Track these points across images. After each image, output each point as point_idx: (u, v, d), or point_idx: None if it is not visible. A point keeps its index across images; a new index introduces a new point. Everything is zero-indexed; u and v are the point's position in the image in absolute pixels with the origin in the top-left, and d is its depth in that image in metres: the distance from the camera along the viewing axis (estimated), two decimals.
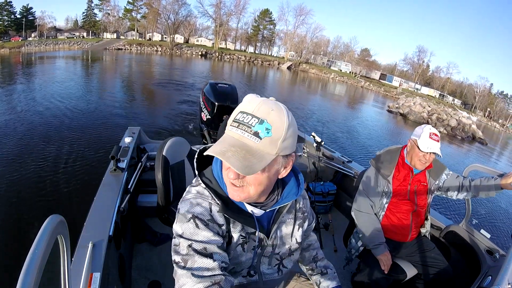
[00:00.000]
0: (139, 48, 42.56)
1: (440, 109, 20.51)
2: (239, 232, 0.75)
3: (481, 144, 18.00)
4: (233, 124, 0.64)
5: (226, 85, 4.48)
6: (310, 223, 1.00)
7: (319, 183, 2.74)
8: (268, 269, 0.85)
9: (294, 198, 0.79)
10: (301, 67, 50.98)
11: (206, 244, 0.67)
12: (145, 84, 14.63)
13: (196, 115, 6.72)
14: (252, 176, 0.65)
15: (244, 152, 0.61)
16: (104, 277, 1.07)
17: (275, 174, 0.69)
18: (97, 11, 50.34)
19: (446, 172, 1.68)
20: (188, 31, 53.58)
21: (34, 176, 4.02)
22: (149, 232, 2.10)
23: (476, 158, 13.89)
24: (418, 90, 52.84)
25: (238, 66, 38.51)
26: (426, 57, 56.74)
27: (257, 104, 0.63)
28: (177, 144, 1.54)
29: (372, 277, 1.58)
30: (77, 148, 5.07)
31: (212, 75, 23.49)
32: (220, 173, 0.73)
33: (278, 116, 0.63)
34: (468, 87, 56.93)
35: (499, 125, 49.79)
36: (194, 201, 0.71)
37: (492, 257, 1.62)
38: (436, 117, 18.74)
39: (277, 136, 0.62)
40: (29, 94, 9.30)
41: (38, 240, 0.51)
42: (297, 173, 0.83)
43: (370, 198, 1.69)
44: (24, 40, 38.95)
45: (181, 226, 0.69)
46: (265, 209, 0.76)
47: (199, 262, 0.65)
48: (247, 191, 0.67)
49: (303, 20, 54.36)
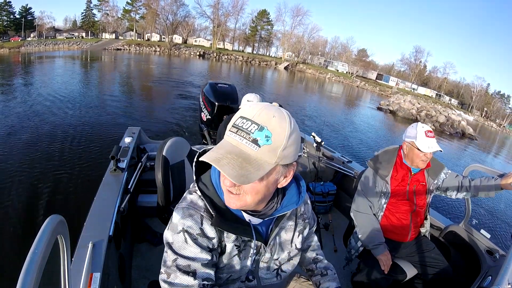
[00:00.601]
0: (138, 49, 42.89)
1: (430, 106, 20.95)
2: (233, 242, 0.74)
3: (471, 139, 18.50)
4: (232, 129, 0.62)
5: (226, 85, 4.48)
6: (311, 227, 0.99)
7: (319, 183, 2.74)
8: (267, 274, 0.84)
9: (294, 206, 0.76)
10: (298, 67, 51.51)
11: (190, 262, 0.67)
12: (145, 84, 14.63)
13: (196, 115, 6.72)
14: (249, 185, 0.62)
15: (241, 160, 0.59)
16: (104, 277, 1.07)
17: (274, 183, 0.67)
18: (96, 12, 50.76)
19: (444, 171, 1.68)
20: (187, 32, 54.02)
21: (34, 176, 4.01)
22: (149, 232, 2.10)
23: (466, 153, 14.43)
24: (415, 90, 53.34)
25: (235, 66, 38.93)
26: (423, 57, 57.59)
27: (259, 109, 0.61)
28: (177, 144, 1.53)
29: (372, 277, 1.58)
30: (77, 148, 5.07)
31: (210, 74, 23.71)
32: (218, 180, 0.72)
33: (279, 123, 0.60)
34: (465, 87, 57.55)
35: (496, 125, 50.30)
36: (186, 212, 0.70)
37: (492, 257, 1.62)
38: (425, 113, 19.15)
39: (277, 144, 0.60)
40: (29, 94, 9.29)
41: (38, 240, 0.51)
42: (299, 180, 0.81)
43: (368, 199, 1.69)
44: (24, 40, 38.97)
45: (172, 236, 0.69)
46: (263, 218, 0.74)
47: (180, 278, 0.66)
48: (244, 199, 0.65)
49: (300, 20, 55.38)
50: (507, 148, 24.56)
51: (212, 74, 24.17)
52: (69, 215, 0.98)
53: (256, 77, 29.16)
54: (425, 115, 18.92)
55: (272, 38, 58.54)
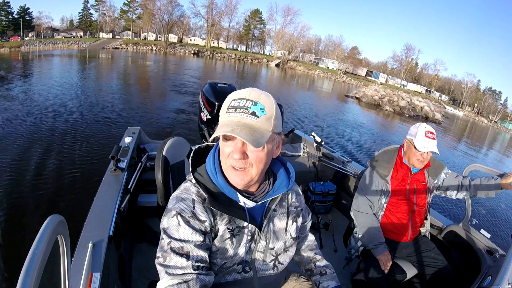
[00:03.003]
0: (135, 47, 44.02)
1: (393, 93, 24.12)
2: (225, 225, 0.76)
3: (435, 123, 21.25)
4: (230, 110, 0.70)
5: (226, 85, 4.46)
6: (306, 220, 1.00)
7: (319, 183, 2.74)
8: (263, 265, 0.84)
9: (285, 189, 0.82)
10: (289, 64, 53.35)
11: (183, 243, 0.70)
12: (145, 84, 14.66)
13: (196, 115, 6.71)
14: (254, 155, 0.70)
15: (248, 129, 0.67)
16: (104, 277, 1.07)
17: (271, 152, 0.75)
18: (93, 12, 51.54)
19: (445, 171, 1.68)
20: (182, 31, 55.22)
21: (34, 176, 4.01)
22: (149, 232, 2.10)
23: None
24: (404, 86, 54.89)
25: (228, 64, 40.52)
26: (414, 54, 59.56)
27: (247, 90, 0.72)
28: (177, 144, 1.53)
29: (372, 277, 1.58)
30: (77, 148, 5.07)
31: (203, 71, 25.27)
32: (213, 168, 0.76)
33: (267, 98, 0.71)
34: (455, 83, 59.06)
35: (486, 120, 51.43)
36: (179, 196, 0.75)
37: (492, 257, 1.62)
38: (388, 99, 22.21)
39: (270, 113, 0.70)
40: (29, 94, 9.28)
41: (38, 240, 0.50)
42: (286, 164, 0.87)
43: (369, 198, 1.69)
44: (23, 39, 39.07)
45: (167, 221, 0.73)
46: (256, 200, 0.78)
47: (174, 260, 0.69)
48: (249, 173, 0.72)
49: (290, 19, 57.57)
50: (468, 131, 27.17)
51: (205, 70, 25.94)
52: (69, 215, 0.98)
53: (247, 74, 30.52)
54: (388, 101, 21.97)
55: (265, 36, 60.54)
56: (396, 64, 60.69)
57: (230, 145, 0.71)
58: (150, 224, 2.16)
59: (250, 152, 0.70)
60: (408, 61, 58.74)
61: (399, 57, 60.39)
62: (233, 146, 0.70)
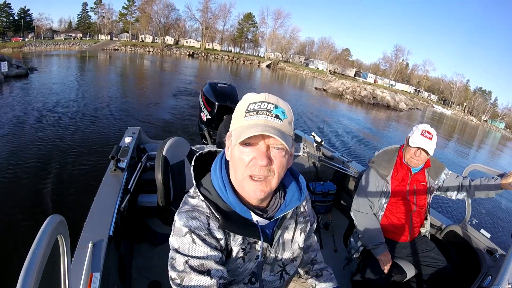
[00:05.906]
0: (133, 49, 46.13)
1: (357, 85, 28.25)
2: (240, 245, 0.72)
3: (395, 110, 24.74)
4: (250, 113, 0.66)
5: (226, 85, 4.47)
6: (312, 225, 0.98)
7: (319, 183, 2.74)
8: (271, 276, 0.82)
9: (298, 203, 0.76)
10: (279, 65, 55.49)
11: (203, 260, 0.65)
12: (145, 84, 14.66)
13: (196, 115, 6.71)
14: (278, 160, 0.66)
15: (277, 131, 0.64)
16: (104, 277, 1.07)
17: (290, 159, 0.71)
18: (92, 14, 52.91)
19: (445, 171, 1.68)
20: (178, 33, 57.30)
21: (34, 176, 4.01)
22: (149, 232, 2.10)
23: (382, 115, 20.09)
24: (393, 86, 56.43)
25: (222, 65, 42.69)
26: (403, 55, 61.66)
27: (264, 95, 0.68)
28: (177, 144, 1.53)
29: (372, 277, 1.58)
30: (77, 148, 5.07)
31: (199, 70, 27.44)
32: (222, 183, 0.71)
33: (284, 103, 0.69)
34: (443, 83, 60.47)
35: (476, 119, 52.12)
36: (190, 214, 0.68)
37: (492, 257, 1.62)
38: (351, 90, 26.02)
39: (290, 118, 0.68)
40: (29, 94, 9.29)
41: (38, 240, 0.50)
42: (297, 175, 0.82)
43: (369, 199, 1.69)
44: (24, 40, 39.30)
45: (177, 240, 0.66)
46: (269, 217, 0.73)
47: (196, 279, 0.63)
48: (270, 184, 0.67)
49: (281, 23, 60.50)
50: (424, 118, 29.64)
51: (200, 69, 28.78)
52: (69, 215, 0.98)
53: (239, 74, 32.02)
54: (351, 91, 25.79)
55: (258, 39, 63.06)
56: (387, 65, 62.67)
57: (250, 152, 0.65)
58: (150, 224, 2.15)
59: (274, 158, 0.65)
60: (398, 62, 60.89)
61: (389, 58, 62.58)
62: (255, 152, 0.64)
